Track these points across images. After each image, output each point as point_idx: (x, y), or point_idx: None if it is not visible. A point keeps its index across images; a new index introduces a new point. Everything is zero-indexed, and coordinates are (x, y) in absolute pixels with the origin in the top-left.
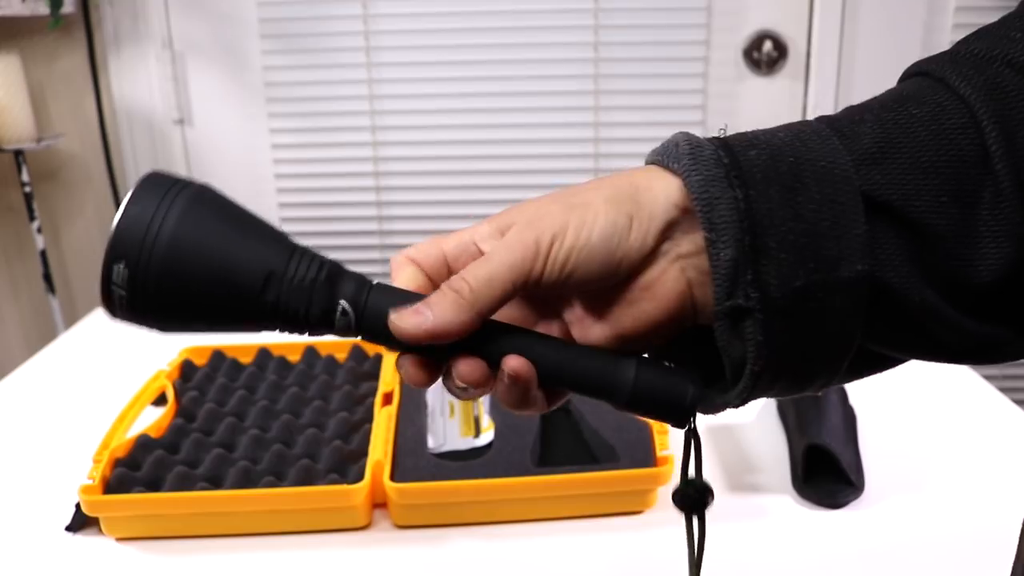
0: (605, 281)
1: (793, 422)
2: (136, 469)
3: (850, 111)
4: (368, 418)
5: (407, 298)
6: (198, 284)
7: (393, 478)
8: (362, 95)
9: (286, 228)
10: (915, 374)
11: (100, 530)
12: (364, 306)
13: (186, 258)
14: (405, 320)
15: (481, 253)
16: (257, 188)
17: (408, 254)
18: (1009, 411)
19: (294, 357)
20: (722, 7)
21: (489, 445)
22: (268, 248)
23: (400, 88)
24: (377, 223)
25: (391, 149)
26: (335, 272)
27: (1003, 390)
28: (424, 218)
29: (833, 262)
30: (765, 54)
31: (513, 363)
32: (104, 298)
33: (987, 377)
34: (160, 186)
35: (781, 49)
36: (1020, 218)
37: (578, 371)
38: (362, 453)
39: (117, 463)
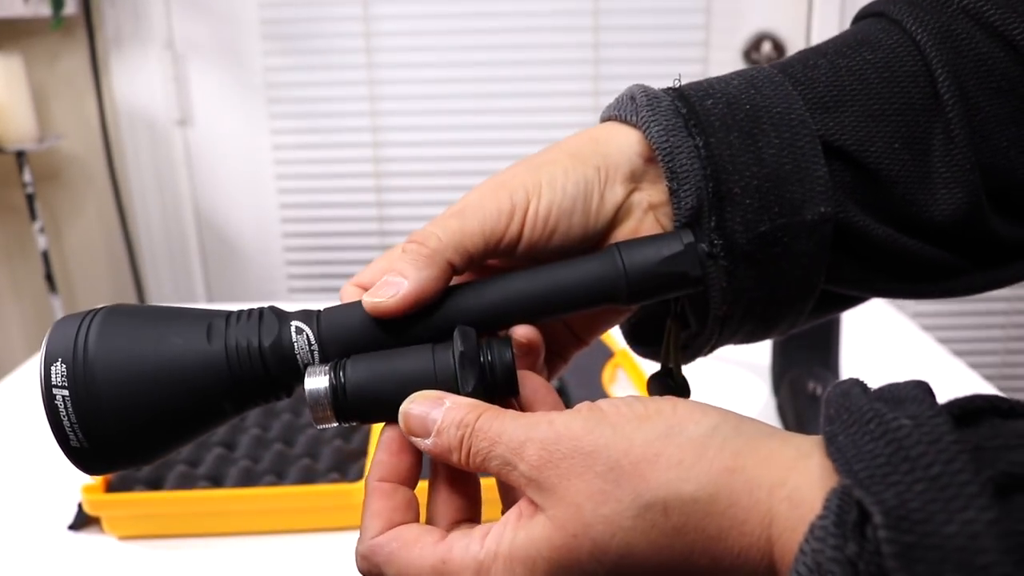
0: (584, 240)
1: (793, 421)
2: (137, 468)
3: (803, 55)
4: None
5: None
6: (145, 379)
7: None
8: (362, 95)
9: (286, 228)
10: (915, 374)
11: (102, 529)
12: (318, 324)
13: (120, 361)
14: (380, 294)
15: None
16: (257, 188)
17: (358, 280)
18: None
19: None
20: (721, 8)
21: None
22: (198, 315)
23: (400, 88)
24: (377, 223)
25: (391, 149)
26: (273, 312)
27: (1003, 390)
28: (424, 218)
29: (797, 205)
30: (764, 55)
31: (521, 332)
32: (66, 451)
33: (987, 378)
34: (68, 323)
35: (780, 50)
36: (971, 164)
37: (565, 288)
38: (362, 452)
39: None
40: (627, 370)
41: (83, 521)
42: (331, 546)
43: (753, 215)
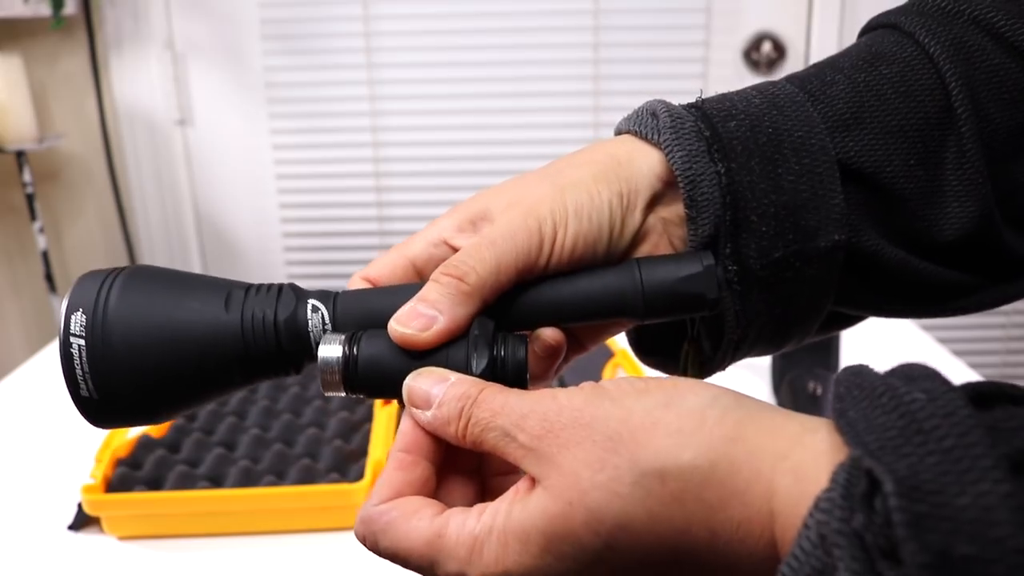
0: (604, 263)
1: None
2: (137, 468)
3: (820, 69)
4: (368, 417)
5: (385, 295)
6: (160, 330)
7: None
8: (362, 95)
9: (286, 228)
10: None
11: (102, 529)
12: (335, 305)
13: (140, 318)
14: (410, 324)
15: (456, 251)
16: (257, 188)
17: (366, 274)
18: None
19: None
20: (721, 8)
21: None
22: (220, 284)
23: (400, 88)
24: (377, 223)
25: (391, 149)
26: (292, 289)
27: None
28: (424, 218)
29: (811, 232)
30: (764, 55)
31: (550, 334)
32: (76, 400)
33: (987, 378)
34: (93, 278)
35: (780, 50)
36: (983, 178)
37: (583, 298)
38: (362, 452)
39: (119, 462)
40: (627, 370)
41: (83, 521)
42: (331, 546)
43: (768, 242)
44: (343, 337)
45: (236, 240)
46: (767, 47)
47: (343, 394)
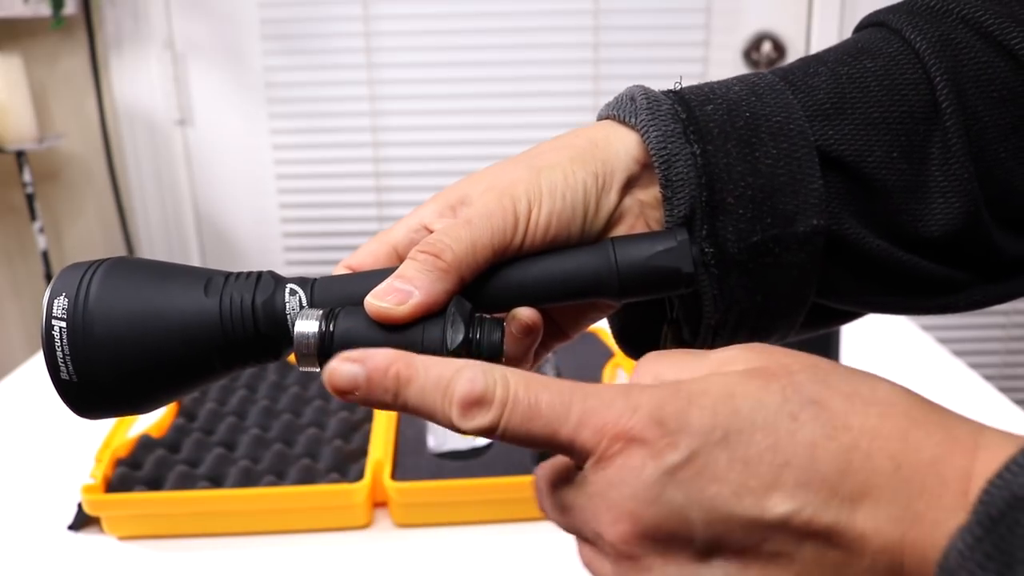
0: (580, 243)
1: None
2: (137, 468)
3: (804, 62)
4: (368, 417)
5: (363, 279)
6: (138, 318)
7: (394, 477)
8: (362, 95)
9: (286, 228)
10: (915, 374)
11: (102, 529)
12: (312, 289)
13: (119, 304)
14: (385, 298)
15: None
16: (257, 188)
17: (348, 263)
18: (1009, 411)
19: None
20: (721, 8)
21: (489, 445)
22: (200, 271)
23: (400, 88)
24: (377, 223)
25: (391, 149)
26: (271, 275)
27: (1003, 390)
28: None
29: (790, 217)
30: (764, 55)
31: (526, 314)
32: (56, 383)
33: (987, 378)
34: (78, 267)
35: (780, 50)
36: (969, 174)
37: (557, 278)
38: (362, 452)
39: (118, 462)
40: (627, 370)
41: (83, 521)
42: (331, 546)
43: (746, 225)
44: (320, 313)
45: (236, 240)
46: (767, 47)
47: (317, 369)
